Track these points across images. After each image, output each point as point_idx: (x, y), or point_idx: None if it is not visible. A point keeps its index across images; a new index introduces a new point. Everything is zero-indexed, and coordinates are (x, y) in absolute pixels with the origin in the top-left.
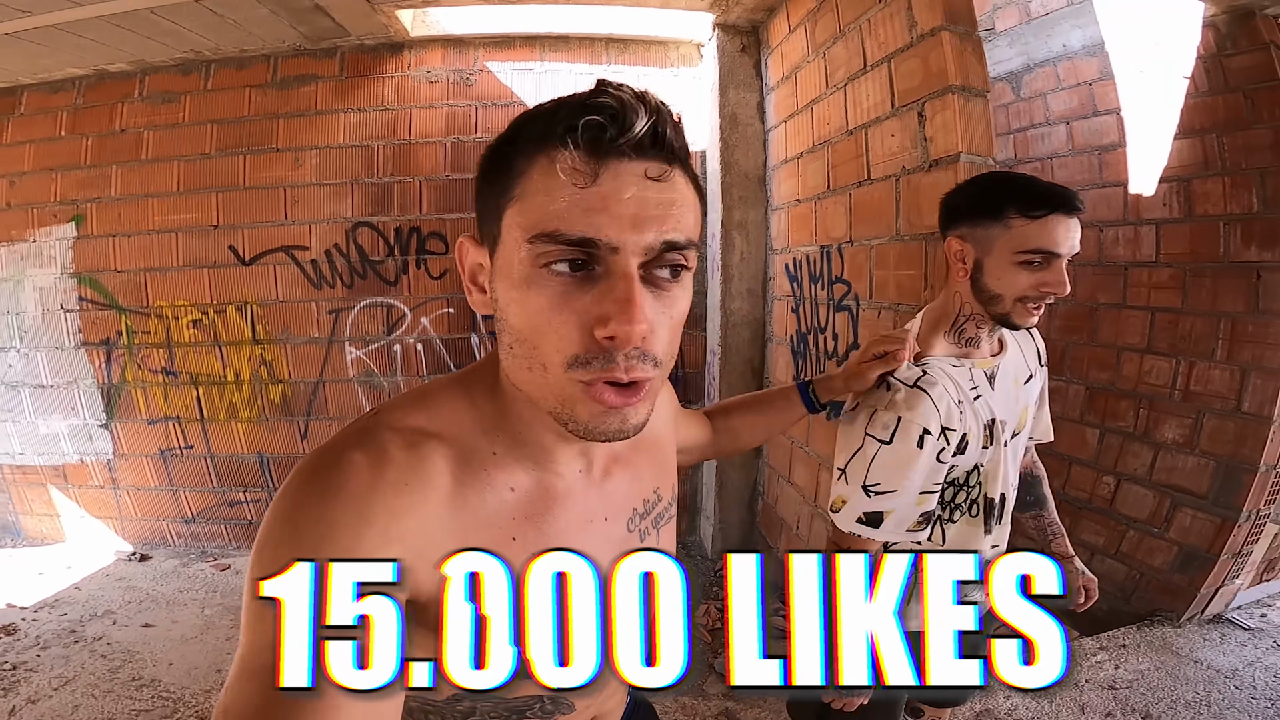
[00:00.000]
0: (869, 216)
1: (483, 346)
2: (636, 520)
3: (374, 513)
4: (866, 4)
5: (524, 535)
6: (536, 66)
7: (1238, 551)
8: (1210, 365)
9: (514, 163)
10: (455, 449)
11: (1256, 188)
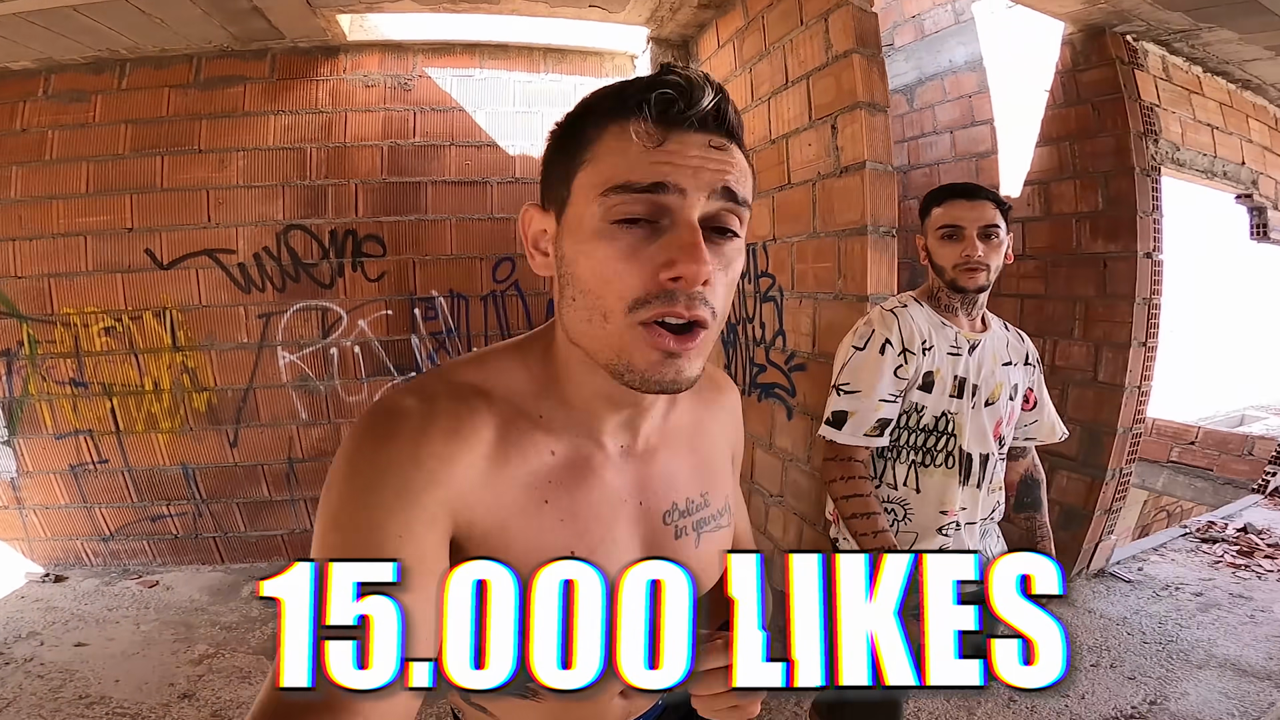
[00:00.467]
0: (790, 216)
1: (423, 347)
2: (675, 515)
3: (423, 455)
4: (789, 26)
5: (556, 500)
6: (476, 73)
7: (1108, 508)
8: (1070, 342)
9: (585, 132)
10: (502, 407)
11: (1101, 189)
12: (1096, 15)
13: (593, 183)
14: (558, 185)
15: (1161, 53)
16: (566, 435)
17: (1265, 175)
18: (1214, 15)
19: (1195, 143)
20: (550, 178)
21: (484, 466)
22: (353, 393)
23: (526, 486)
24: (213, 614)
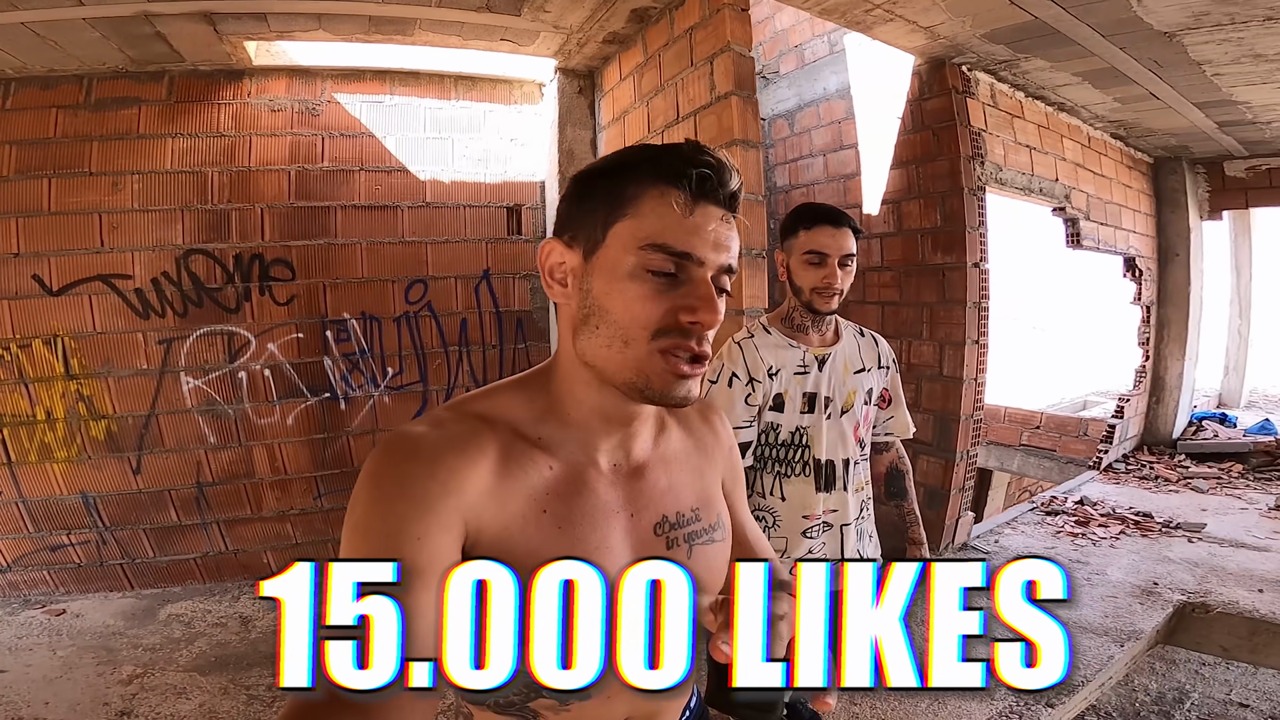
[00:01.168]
0: None
1: (336, 368)
2: (666, 527)
3: (439, 468)
4: (681, 66)
5: (554, 509)
6: (386, 100)
7: (961, 486)
8: (920, 343)
9: (627, 187)
10: (504, 431)
11: (939, 207)
12: (937, 49)
13: (634, 234)
14: (589, 227)
15: (990, 80)
16: (563, 453)
17: (1077, 189)
18: (1028, 46)
19: (1015, 163)
20: (579, 218)
21: (490, 480)
22: (264, 415)
23: (527, 498)
24: (132, 637)
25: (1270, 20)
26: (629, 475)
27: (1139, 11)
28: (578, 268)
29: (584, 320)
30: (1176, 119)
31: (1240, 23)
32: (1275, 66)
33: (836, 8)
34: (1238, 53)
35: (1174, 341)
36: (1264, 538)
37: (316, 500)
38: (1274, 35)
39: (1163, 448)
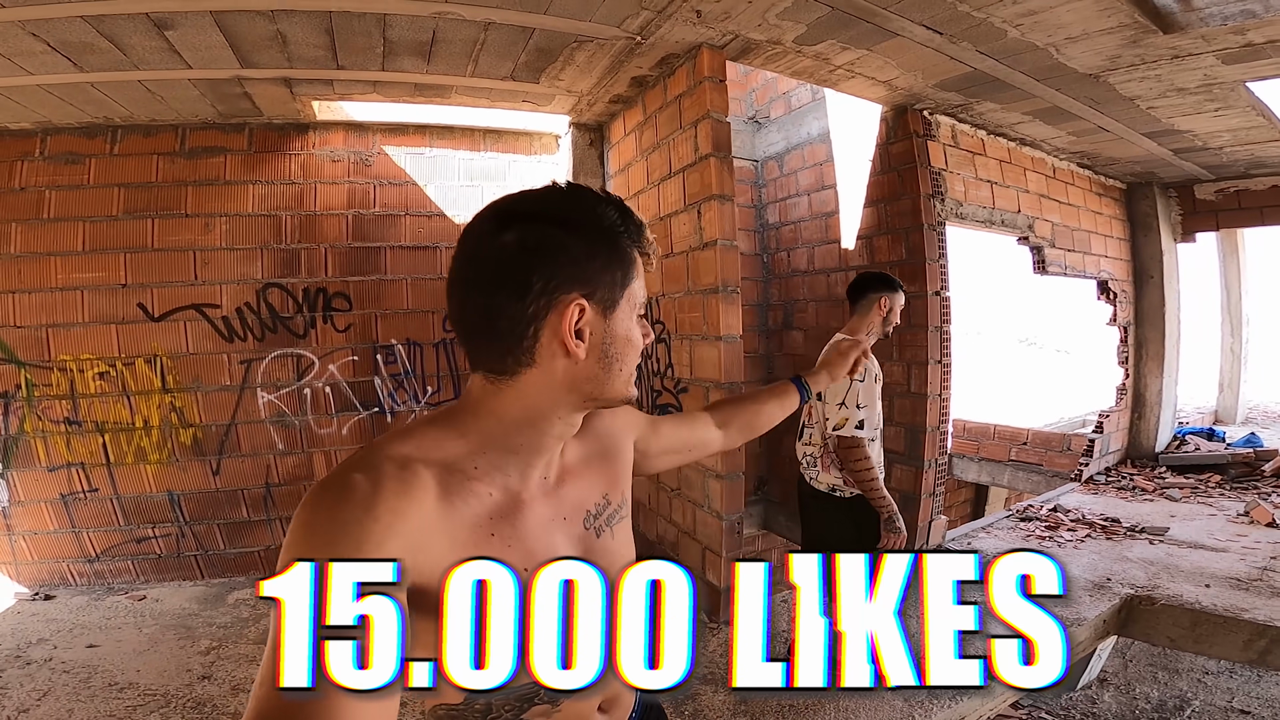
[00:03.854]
0: (673, 277)
1: (384, 386)
2: (590, 520)
3: (378, 513)
4: (672, 128)
5: (501, 531)
6: (426, 152)
7: (931, 492)
8: (891, 363)
9: (629, 253)
10: (438, 468)
11: (904, 242)
12: (898, 98)
13: (637, 298)
14: (611, 290)
15: (951, 122)
16: (500, 479)
17: (1041, 219)
18: (976, 92)
19: (976, 198)
20: (596, 279)
21: (433, 516)
22: (324, 426)
23: (473, 526)
24: (206, 618)
25: (1177, 59)
26: (555, 486)
27: (1061, 59)
28: (598, 324)
29: (605, 368)
30: (1132, 148)
31: (1151, 62)
32: (1202, 98)
33: (805, 69)
34: (1161, 88)
35: (1152, 360)
36: (1224, 540)
37: None
38: (1188, 71)
39: (1145, 461)
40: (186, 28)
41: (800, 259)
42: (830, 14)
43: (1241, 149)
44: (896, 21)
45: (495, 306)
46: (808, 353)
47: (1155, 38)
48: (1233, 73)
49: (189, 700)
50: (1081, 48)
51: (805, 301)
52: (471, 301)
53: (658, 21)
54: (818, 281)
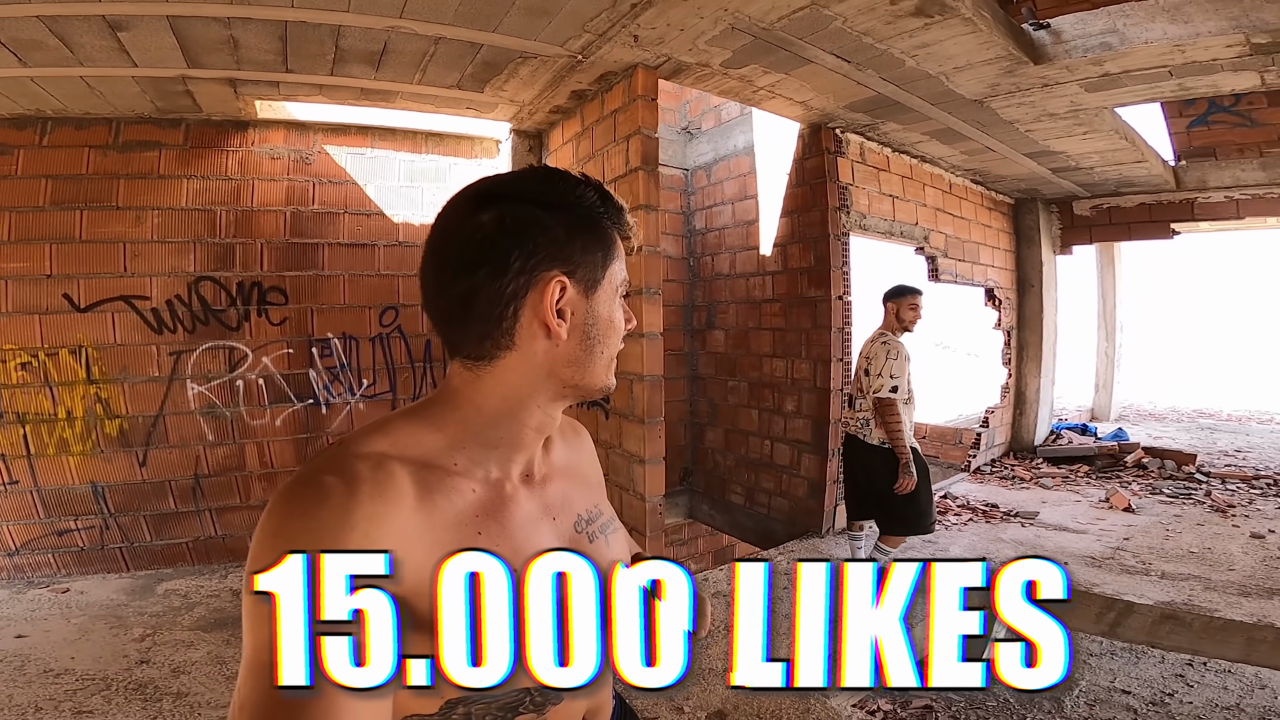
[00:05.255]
0: None
1: (319, 379)
2: (583, 524)
3: (355, 519)
4: (608, 140)
5: (487, 529)
6: (368, 152)
7: (835, 479)
8: (800, 361)
9: (609, 233)
10: (416, 466)
11: (813, 250)
12: (814, 117)
13: (617, 278)
14: (591, 268)
15: (860, 140)
16: (481, 474)
17: (936, 231)
18: (881, 113)
19: (879, 210)
20: (578, 258)
21: (413, 518)
22: (257, 417)
23: (457, 525)
24: (137, 608)
25: (1047, 87)
26: (541, 484)
27: (951, 86)
28: (579, 304)
29: (587, 351)
30: (1016, 167)
31: (1025, 89)
32: (1070, 122)
33: (731, 89)
34: (1035, 113)
35: (1031, 362)
36: (1085, 524)
37: None
38: (1056, 98)
39: (1025, 453)
40: (140, 30)
41: (723, 263)
42: (753, 42)
43: (1111, 169)
44: (811, 50)
45: (473, 286)
46: (728, 351)
47: (1028, 68)
48: (1095, 100)
49: (130, 683)
50: (967, 76)
51: (727, 303)
52: (448, 283)
53: (598, 43)
54: (738, 285)
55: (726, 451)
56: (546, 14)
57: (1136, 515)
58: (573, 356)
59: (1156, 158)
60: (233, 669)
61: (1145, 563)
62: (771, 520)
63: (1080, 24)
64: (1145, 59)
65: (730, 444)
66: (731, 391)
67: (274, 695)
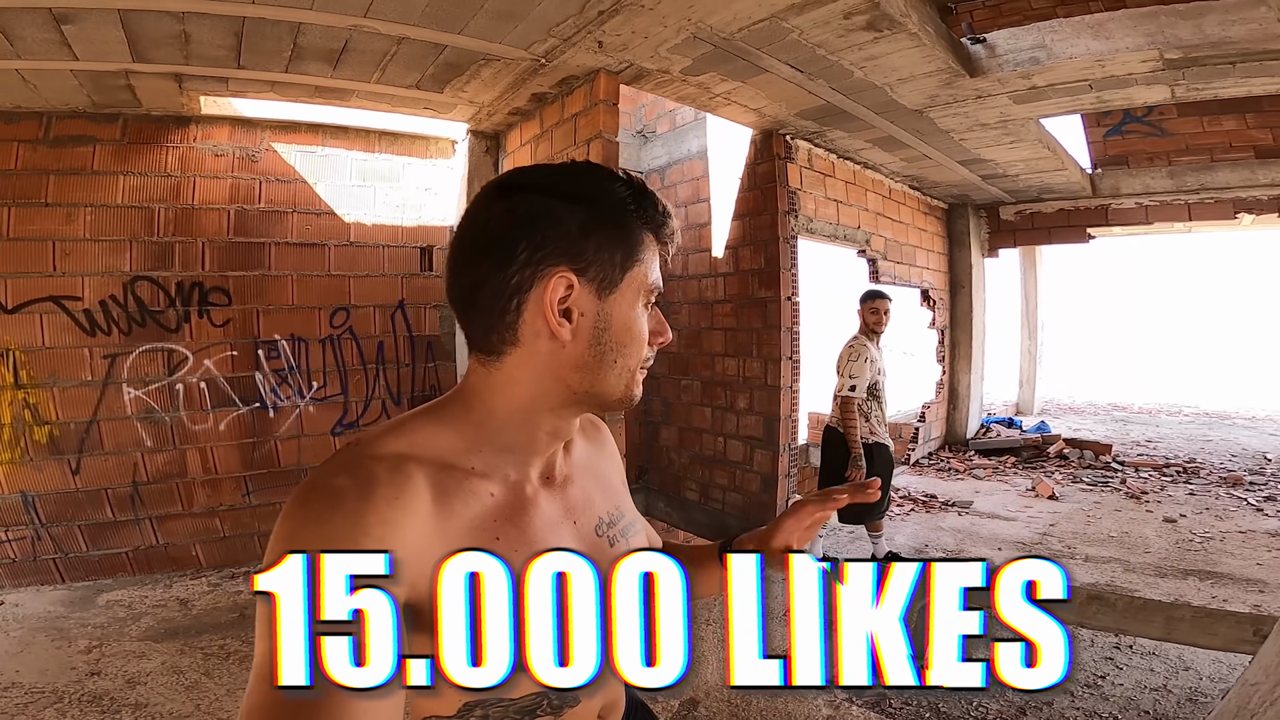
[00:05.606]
0: None
1: (266, 381)
2: (604, 528)
3: (368, 524)
4: (567, 143)
5: (506, 534)
6: (318, 150)
7: (787, 473)
8: (751, 359)
9: (635, 233)
10: (433, 468)
11: (764, 252)
12: (766, 123)
13: (641, 282)
14: (607, 268)
15: (809, 146)
16: (498, 479)
17: (877, 234)
18: (829, 121)
19: (825, 215)
20: (591, 255)
21: (429, 523)
22: (198, 422)
23: (474, 530)
24: (78, 619)
25: (980, 98)
26: (560, 487)
27: (894, 96)
28: (590, 306)
29: (597, 357)
30: (950, 173)
31: (961, 100)
32: (999, 132)
33: (689, 95)
34: (969, 123)
35: (963, 359)
36: (1015, 511)
37: (245, 497)
38: (988, 109)
39: (959, 446)
40: (87, 23)
41: (676, 265)
42: (713, 51)
43: (1034, 176)
44: (767, 60)
45: (480, 277)
46: (681, 351)
47: (964, 80)
48: (1022, 111)
49: (83, 695)
50: (910, 87)
51: (679, 304)
52: (459, 272)
53: (562, 48)
54: (690, 286)
55: (681, 449)
56: (514, 17)
57: (1060, 503)
58: (580, 361)
59: (1075, 166)
60: (191, 678)
61: (1070, 547)
62: (726, 515)
63: (1013, 39)
64: (1069, 73)
65: (684, 441)
66: (685, 390)
67: (275, 696)
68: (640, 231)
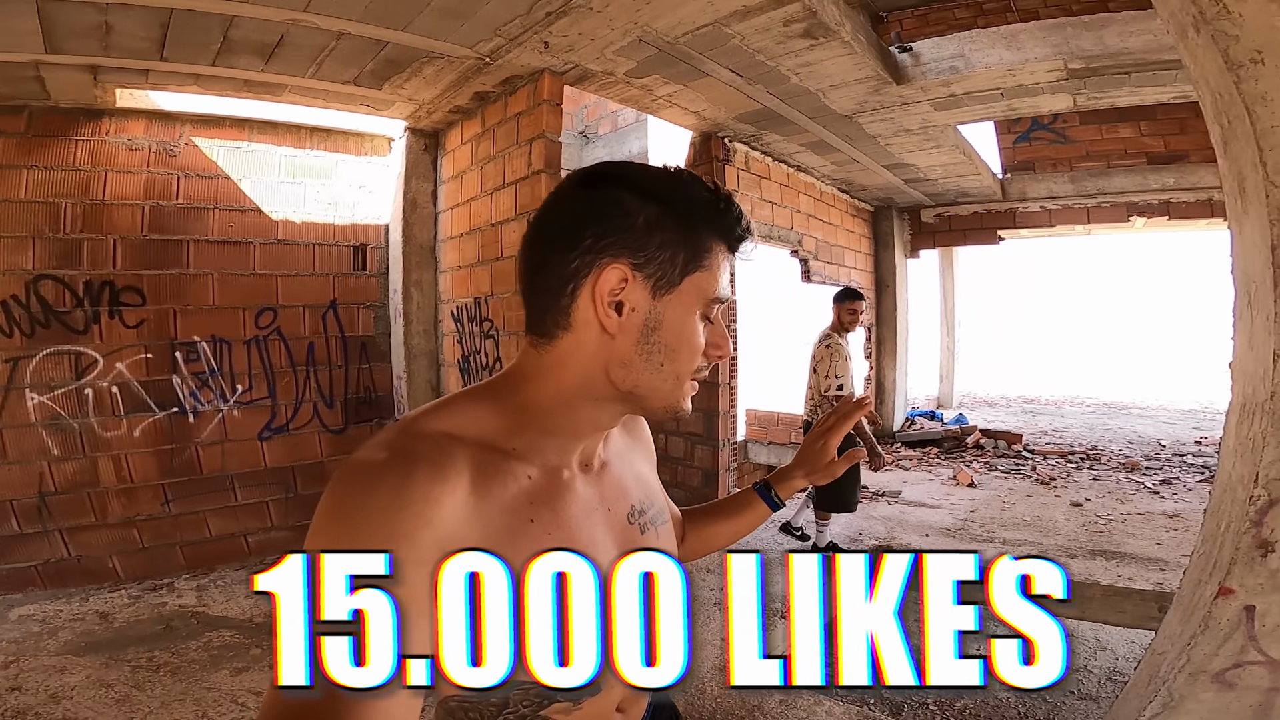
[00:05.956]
0: (503, 279)
1: (185, 385)
2: (636, 515)
3: (409, 499)
4: (509, 142)
5: (540, 517)
6: (244, 146)
7: (727, 468)
8: None
9: (701, 238)
10: (475, 447)
11: None
12: (705, 126)
13: (705, 287)
14: (666, 268)
15: (746, 149)
16: (539, 460)
17: (809, 235)
18: (765, 125)
19: (761, 216)
20: (652, 252)
21: (468, 501)
22: (110, 429)
23: (511, 510)
24: None
25: (904, 105)
26: (597, 473)
27: (827, 102)
28: (643, 302)
29: (644, 355)
30: (876, 177)
31: (887, 107)
32: (921, 138)
33: (632, 97)
34: (894, 128)
35: (888, 355)
36: (939, 499)
37: (165, 506)
38: (912, 115)
39: (886, 438)
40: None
41: None
42: (658, 54)
43: (951, 180)
44: (709, 64)
45: (544, 258)
46: None
47: (891, 87)
48: (942, 118)
49: (6, 711)
50: (841, 93)
51: None
52: (529, 253)
53: (509, 47)
54: None
55: None
56: (461, 16)
57: (979, 490)
58: (626, 358)
59: (988, 171)
60: (121, 691)
61: (989, 531)
62: None
63: (936, 48)
64: (984, 81)
65: None
66: None
67: (275, 695)
68: (711, 239)
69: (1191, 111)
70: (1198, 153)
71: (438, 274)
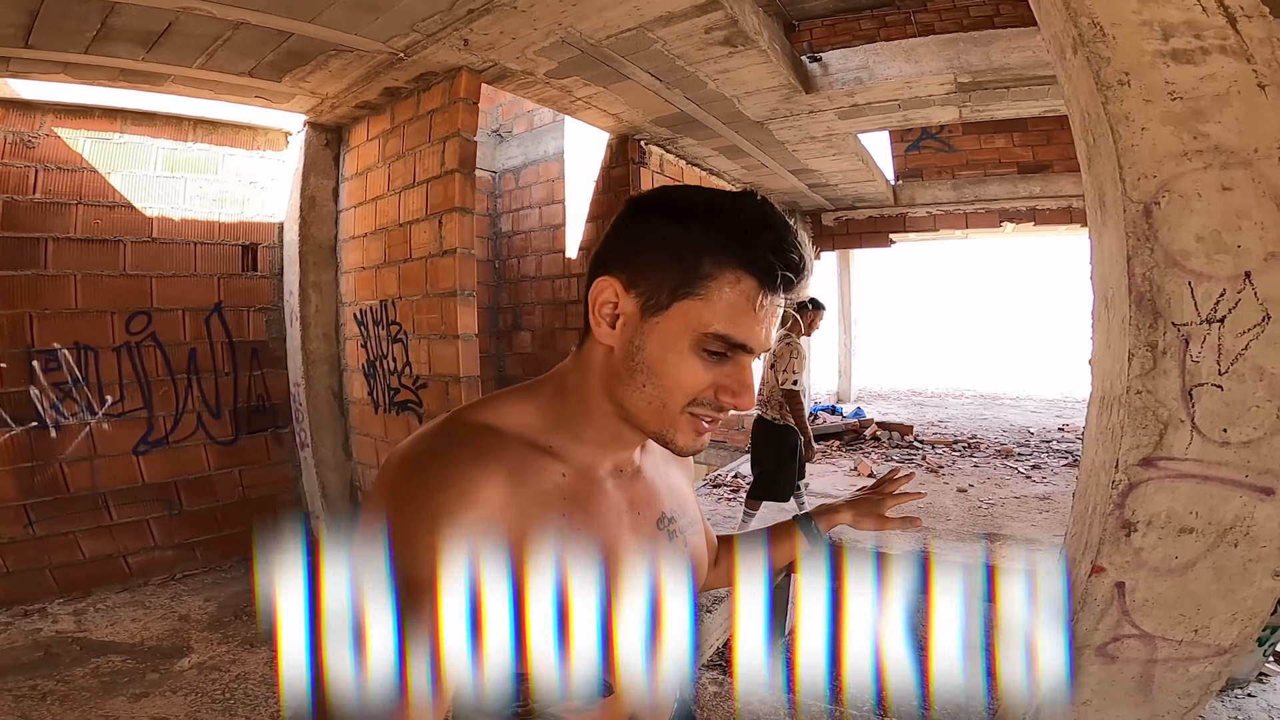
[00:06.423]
0: (411, 281)
1: (44, 397)
2: (665, 522)
3: (454, 477)
4: (421, 140)
5: (571, 512)
6: (115, 137)
7: None
8: None
9: (703, 262)
10: (514, 440)
11: None
12: (623, 128)
13: (699, 318)
14: (654, 287)
15: (661, 152)
16: (574, 460)
17: None
18: (681, 129)
19: None
20: (642, 268)
21: (506, 487)
22: None
23: (544, 504)
24: None
25: (812, 113)
26: (630, 478)
27: (740, 109)
28: (632, 318)
29: (629, 373)
30: (783, 181)
31: (796, 115)
32: (825, 145)
33: (551, 98)
34: (801, 135)
35: None
36: (843, 490)
37: (28, 528)
38: (818, 123)
39: None
40: None
41: (529, 266)
42: (579, 56)
43: (850, 186)
44: (630, 68)
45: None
46: (535, 352)
47: (801, 96)
48: (844, 126)
49: None
50: (755, 100)
51: (533, 305)
52: None
53: (425, 43)
54: (544, 287)
55: None
56: (376, 9)
57: None
58: (618, 370)
59: (882, 177)
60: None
61: None
62: None
63: (843, 59)
64: (884, 93)
65: None
66: None
67: None
68: (719, 268)
69: (1057, 124)
70: (1061, 163)
71: (339, 275)
